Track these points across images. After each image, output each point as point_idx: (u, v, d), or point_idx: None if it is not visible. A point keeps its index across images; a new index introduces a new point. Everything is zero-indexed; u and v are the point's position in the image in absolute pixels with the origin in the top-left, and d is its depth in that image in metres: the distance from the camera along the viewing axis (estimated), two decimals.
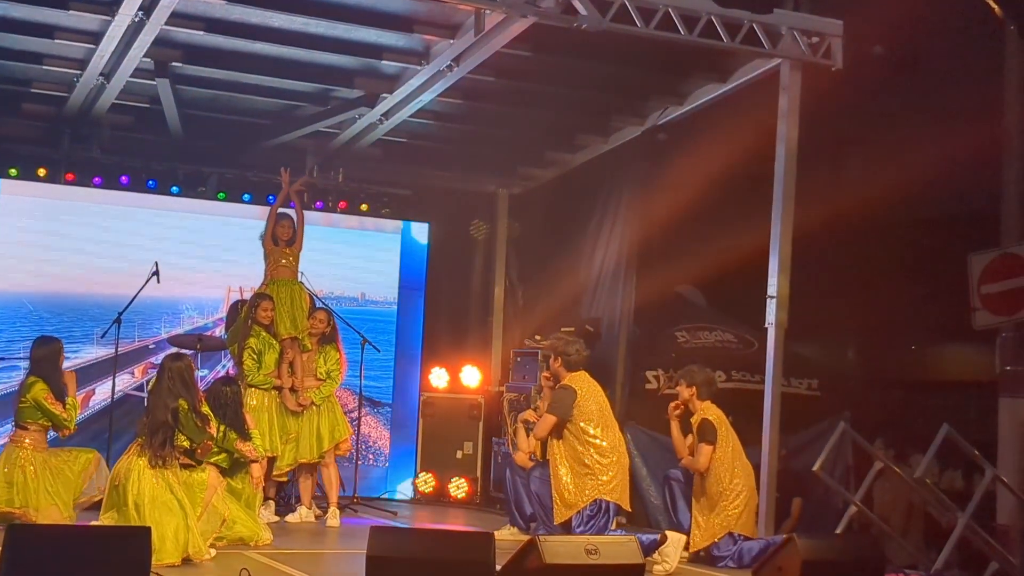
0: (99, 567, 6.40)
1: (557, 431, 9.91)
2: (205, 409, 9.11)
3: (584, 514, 9.61)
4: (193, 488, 8.82)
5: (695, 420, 9.82)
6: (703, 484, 9.66)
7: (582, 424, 9.85)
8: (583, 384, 10.06)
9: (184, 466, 8.82)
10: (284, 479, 11.17)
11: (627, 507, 9.99)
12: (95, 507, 9.07)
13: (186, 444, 8.78)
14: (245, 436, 9.72)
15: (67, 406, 9.40)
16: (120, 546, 6.65)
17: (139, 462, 8.52)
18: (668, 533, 9.30)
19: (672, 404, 10.05)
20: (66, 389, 9.50)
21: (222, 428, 9.61)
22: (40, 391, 9.30)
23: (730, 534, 9.48)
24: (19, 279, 12.41)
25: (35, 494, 9.22)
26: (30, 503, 9.13)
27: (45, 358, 9.51)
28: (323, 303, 11.97)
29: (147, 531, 6.82)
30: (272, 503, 11.01)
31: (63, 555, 6.42)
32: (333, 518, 10.82)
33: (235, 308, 11.63)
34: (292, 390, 11.04)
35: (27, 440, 9.31)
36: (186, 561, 8.22)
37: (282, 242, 11.57)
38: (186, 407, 8.76)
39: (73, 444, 9.90)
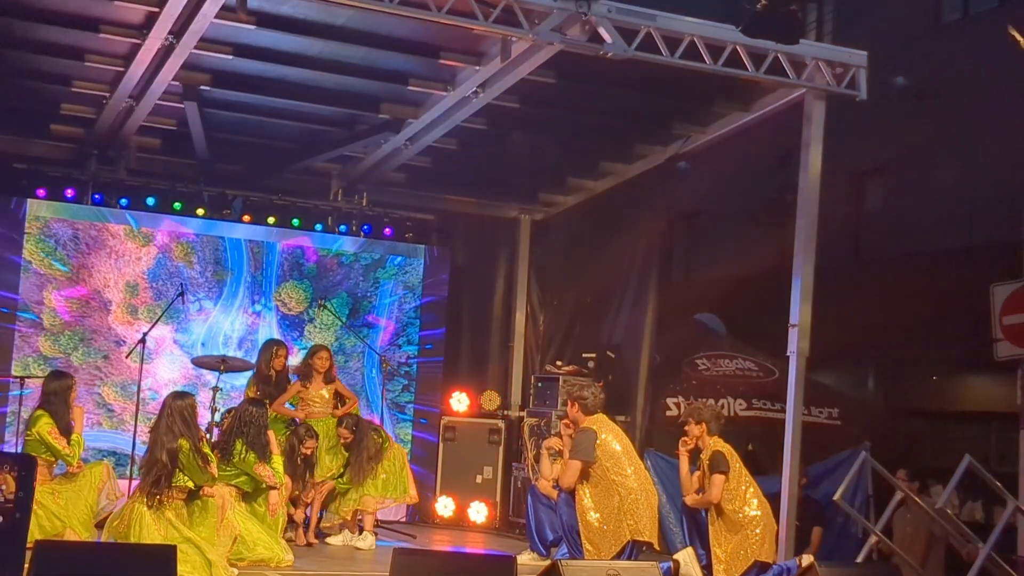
0: None
1: (583, 475, 9.91)
2: (206, 448, 9.10)
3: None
4: (206, 512, 8.85)
5: (705, 455, 9.84)
6: (719, 516, 9.68)
7: (608, 464, 9.85)
8: (603, 425, 10.09)
9: (190, 493, 8.84)
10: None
11: (657, 547, 9.99)
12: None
13: (190, 484, 8.79)
14: (265, 457, 9.76)
15: (71, 442, 9.40)
16: (146, 564, 6.70)
17: (139, 508, 8.53)
18: (676, 557, 9.33)
19: (682, 440, 10.08)
20: (73, 425, 9.53)
21: (243, 448, 9.65)
22: (45, 425, 9.30)
23: (754, 564, 9.50)
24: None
25: (45, 526, 9.22)
26: (44, 535, 9.11)
27: (55, 392, 9.52)
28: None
29: (172, 549, 6.86)
30: (297, 526, 11.06)
31: (90, 572, 6.48)
32: (363, 540, 10.94)
33: (268, 349, 11.60)
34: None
35: None
36: None
37: (318, 377, 11.22)
38: (187, 447, 8.74)
39: None
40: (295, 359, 12.26)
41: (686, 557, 9.34)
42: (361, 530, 11.15)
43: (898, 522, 10.83)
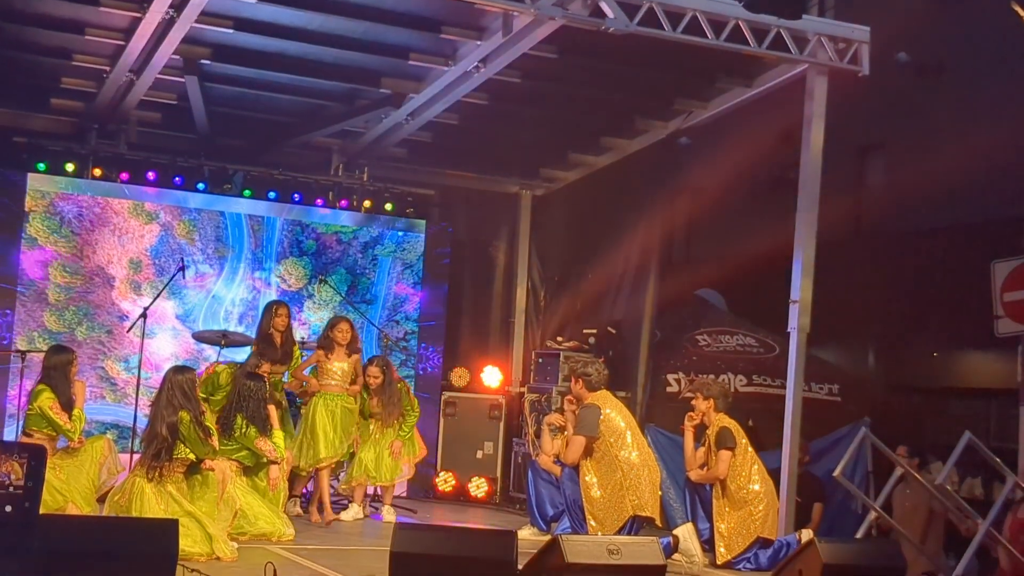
0: (127, 558, 6.47)
1: (587, 451, 9.93)
2: (208, 421, 9.10)
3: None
4: (206, 486, 8.86)
5: (712, 431, 9.86)
6: (724, 491, 9.70)
7: (611, 440, 9.88)
8: (606, 401, 10.11)
9: (191, 466, 8.85)
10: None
11: (659, 523, 10.06)
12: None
13: (191, 457, 8.79)
14: (266, 431, 9.77)
15: (72, 417, 9.42)
16: (148, 538, 6.72)
17: (140, 482, 8.54)
18: (675, 532, 9.36)
19: (688, 415, 10.10)
20: (74, 400, 9.54)
21: (243, 421, 9.67)
22: (46, 400, 9.32)
23: (756, 539, 9.55)
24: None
25: (46, 500, 9.22)
26: (46, 509, 9.12)
27: (55, 367, 9.54)
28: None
29: (175, 523, 6.88)
30: (298, 500, 11.10)
31: (92, 545, 6.49)
32: (389, 513, 11.21)
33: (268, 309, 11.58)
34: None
35: None
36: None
37: (340, 349, 11.02)
38: (188, 419, 8.75)
39: None
40: (297, 334, 12.26)
41: (685, 532, 9.40)
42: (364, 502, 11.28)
43: (897, 498, 10.84)
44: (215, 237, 13.04)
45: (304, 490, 11.52)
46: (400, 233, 13.88)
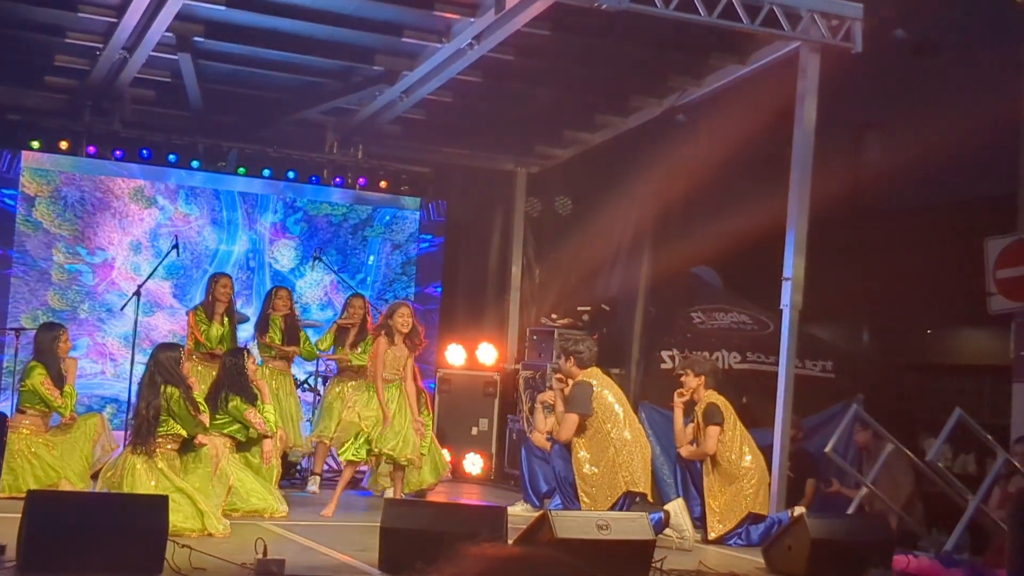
0: (117, 534, 6.50)
1: (580, 428, 9.96)
2: (198, 396, 9.10)
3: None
4: (199, 462, 8.89)
5: (700, 407, 9.88)
6: (714, 467, 9.73)
7: (603, 417, 9.90)
8: (598, 379, 10.13)
9: (184, 443, 8.88)
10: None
11: (651, 499, 10.09)
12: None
13: (182, 433, 8.80)
14: (251, 399, 9.77)
15: (64, 393, 9.46)
16: (137, 513, 6.75)
17: (132, 458, 8.56)
18: (666, 508, 9.40)
19: (677, 392, 10.12)
20: (65, 376, 9.57)
21: (228, 395, 9.69)
22: (39, 376, 9.39)
23: (748, 515, 9.58)
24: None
25: (40, 476, 9.29)
26: (39, 485, 9.17)
27: (45, 343, 9.61)
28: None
29: (164, 499, 6.91)
30: (318, 478, 11.07)
31: (82, 521, 6.53)
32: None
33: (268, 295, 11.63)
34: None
35: (24, 425, 9.40)
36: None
37: (398, 337, 9.85)
38: (177, 394, 8.74)
39: None
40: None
41: (676, 508, 9.41)
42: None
43: (889, 473, 10.88)
44: (211, 219, 13.13)
45: (299, 466, 11.56)
46: (392, 211, 13.91)
